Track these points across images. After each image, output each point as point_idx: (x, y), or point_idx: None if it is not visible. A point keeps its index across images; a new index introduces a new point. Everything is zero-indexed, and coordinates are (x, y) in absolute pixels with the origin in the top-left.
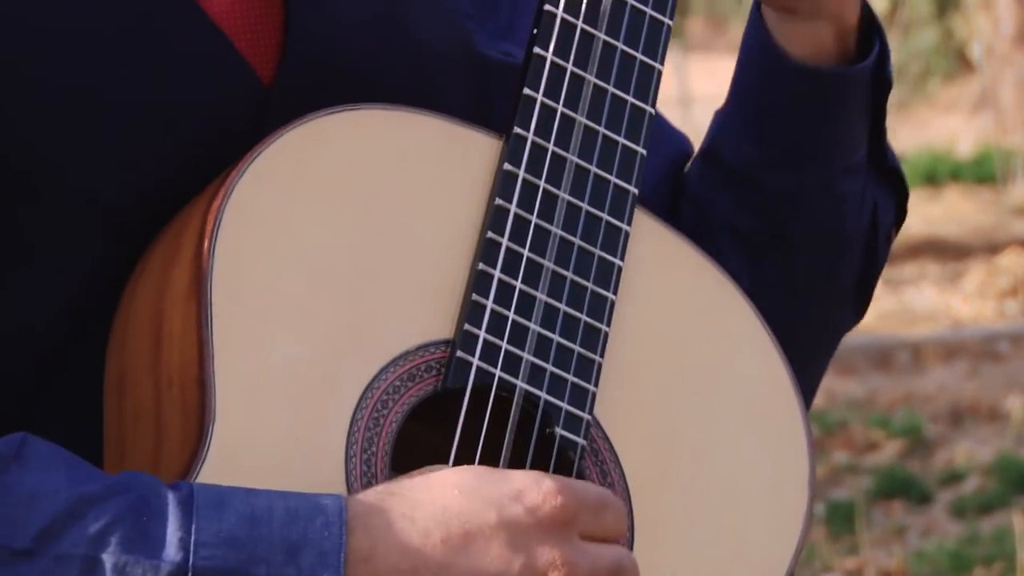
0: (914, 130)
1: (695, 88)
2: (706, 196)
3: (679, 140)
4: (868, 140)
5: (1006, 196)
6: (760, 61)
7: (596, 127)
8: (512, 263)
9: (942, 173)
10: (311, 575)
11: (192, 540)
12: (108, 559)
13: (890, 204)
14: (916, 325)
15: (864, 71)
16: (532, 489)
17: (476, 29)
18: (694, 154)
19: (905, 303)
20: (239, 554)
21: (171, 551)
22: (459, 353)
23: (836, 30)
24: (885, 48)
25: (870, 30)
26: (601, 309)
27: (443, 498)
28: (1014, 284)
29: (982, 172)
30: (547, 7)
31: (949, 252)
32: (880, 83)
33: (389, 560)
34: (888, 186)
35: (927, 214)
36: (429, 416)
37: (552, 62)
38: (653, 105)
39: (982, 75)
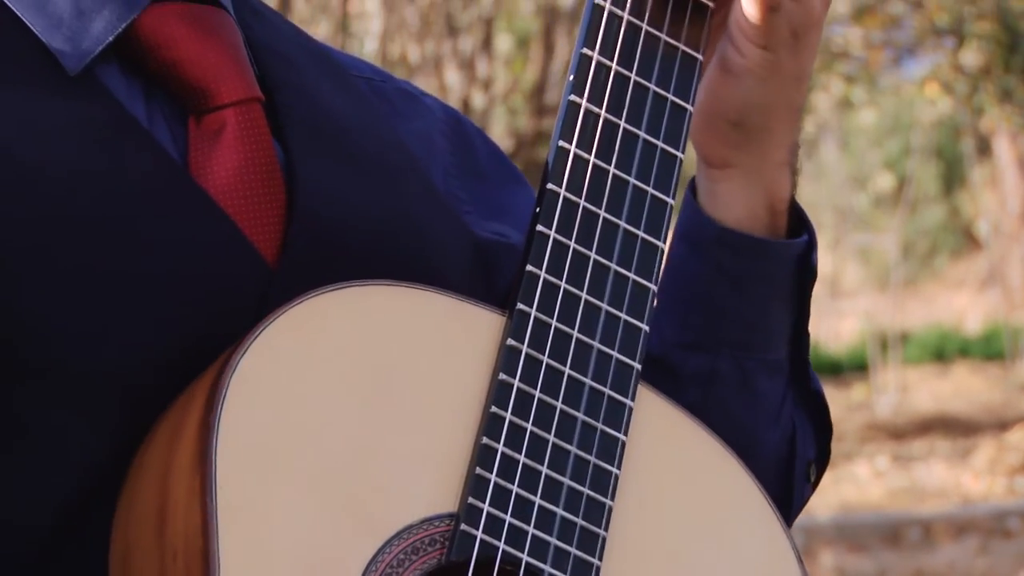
0: (922, 306)
1: None
2: None
3: None
4: (790, 342)
5: (1014, 373)
6: (690, 232)
7: (599, 304)
8: (516, 437)
9: (950, 350)
10: None
11: None
12: None
13: (809, 434)
14: (926, 502)
15: (790, 248)
16: None
17: (469, 211)
18: None
19: (915, 479)
20: None
21: None
22: (463, 526)
23: (769, 201)
24: (813, 239)
25: (800, 222)
26: (605, 483)
27: None
28: None
29: (990, 349)
30: (550, 186)
31: (958, 428)
32: (805, 270)
33: None
34: (809, 413)
35: (936, 391)
36: None
37: (555, 239)
38: (656, 282)
39: (989, 252)
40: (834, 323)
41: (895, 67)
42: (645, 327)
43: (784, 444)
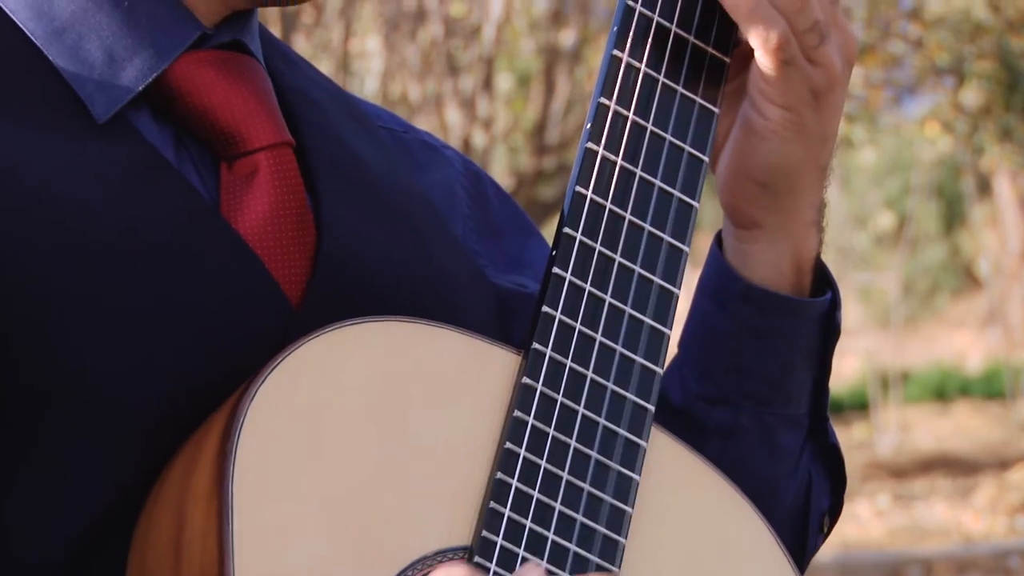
0: (923, 345)
1: None
2: None
3: None
4: (811, 397)
5: (1015, 412)
6: (715, 287)
7: (614, 346)
8: (529, 473)
9: (951, 389)
10: None
11: None
12: None
13: (825, 487)
14: (927, 541)
15: (815, 306)
16: None
17: (486, 265)
18: None
19: (916, 519)
20: None
21: None
22: (476, 559)
23: (796, 260)
24: (837, 297)
25: (824, 280)
26: (618, 521)
27: None
28: None
29: (991, 388)
30: (566, 230)
31: (959, 468)
32: (829, 329)
33: None
34: (825, 467)
35: (937, 430)
36: None
37: (571, 282)
38: (670, 327)
39: (989, 291)
40: (835, 362)
41: (895, 106)
42: (659, 370)
43: (800, 496)
